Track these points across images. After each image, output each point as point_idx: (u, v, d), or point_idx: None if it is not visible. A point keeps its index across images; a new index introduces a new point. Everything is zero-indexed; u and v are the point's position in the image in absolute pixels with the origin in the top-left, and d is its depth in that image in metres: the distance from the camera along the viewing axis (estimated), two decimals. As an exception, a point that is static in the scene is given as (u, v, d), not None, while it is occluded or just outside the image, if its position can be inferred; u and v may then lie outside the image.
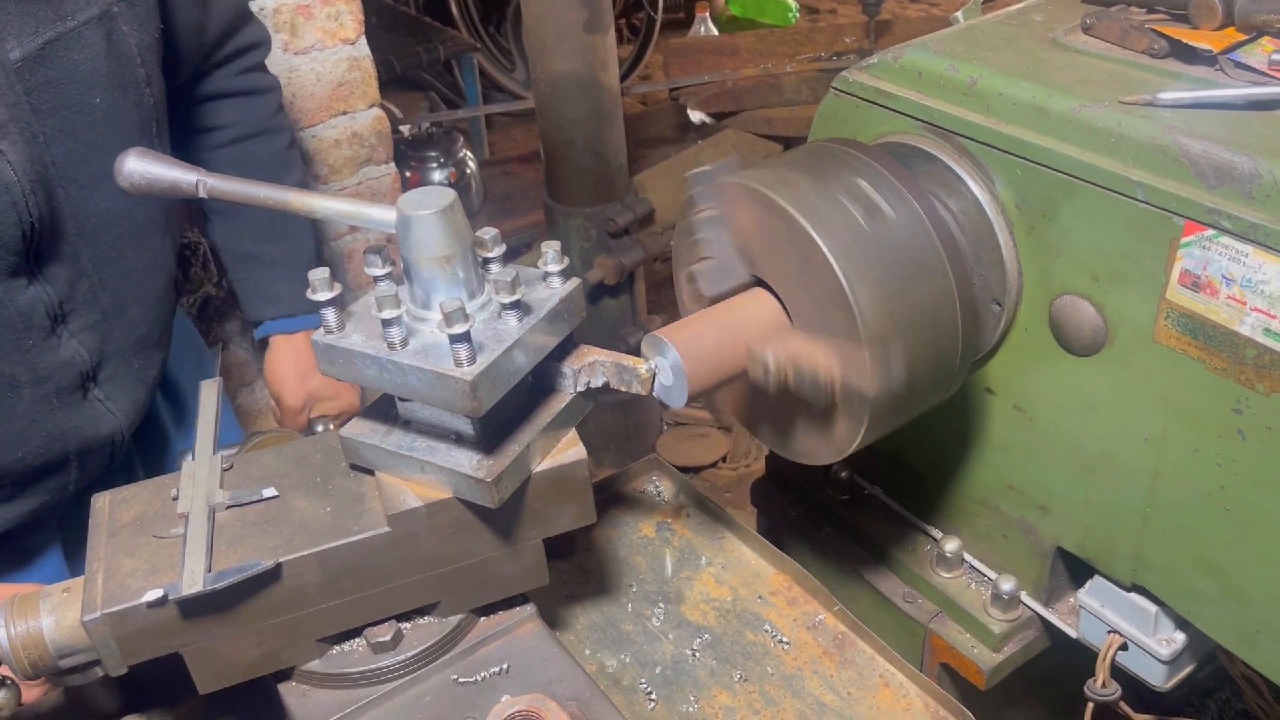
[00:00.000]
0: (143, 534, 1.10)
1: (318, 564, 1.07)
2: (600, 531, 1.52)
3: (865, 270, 1.11)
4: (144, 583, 1.03)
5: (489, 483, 1.05)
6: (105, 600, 1.02)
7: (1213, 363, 1.10)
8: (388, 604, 1.13)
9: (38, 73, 1.31)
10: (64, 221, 1.39)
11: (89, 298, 1.45)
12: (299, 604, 1.08)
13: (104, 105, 1.40)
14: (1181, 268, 1.08)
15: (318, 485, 1.15)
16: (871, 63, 1.38)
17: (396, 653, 1.13)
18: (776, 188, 1.14)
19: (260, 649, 1.09)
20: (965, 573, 1.51)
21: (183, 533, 1.07)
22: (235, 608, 1.06)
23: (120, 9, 1.40)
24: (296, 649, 1.12)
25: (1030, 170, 1.20)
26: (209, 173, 1.12)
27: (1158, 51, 1.22)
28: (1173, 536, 1.22)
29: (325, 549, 1.07)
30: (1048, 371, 1.28)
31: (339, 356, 1.06)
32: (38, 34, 1.30)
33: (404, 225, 1.02)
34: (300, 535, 1.08)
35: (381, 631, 1.13)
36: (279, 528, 1.09)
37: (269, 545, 1.07)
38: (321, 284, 1.05)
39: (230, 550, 1.06)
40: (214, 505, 1.11)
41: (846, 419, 1.19)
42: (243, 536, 1.08)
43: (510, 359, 1.04)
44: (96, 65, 1.38)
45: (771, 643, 1.33)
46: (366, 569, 1.09)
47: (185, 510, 1.10)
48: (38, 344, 1.39)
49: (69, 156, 1.36)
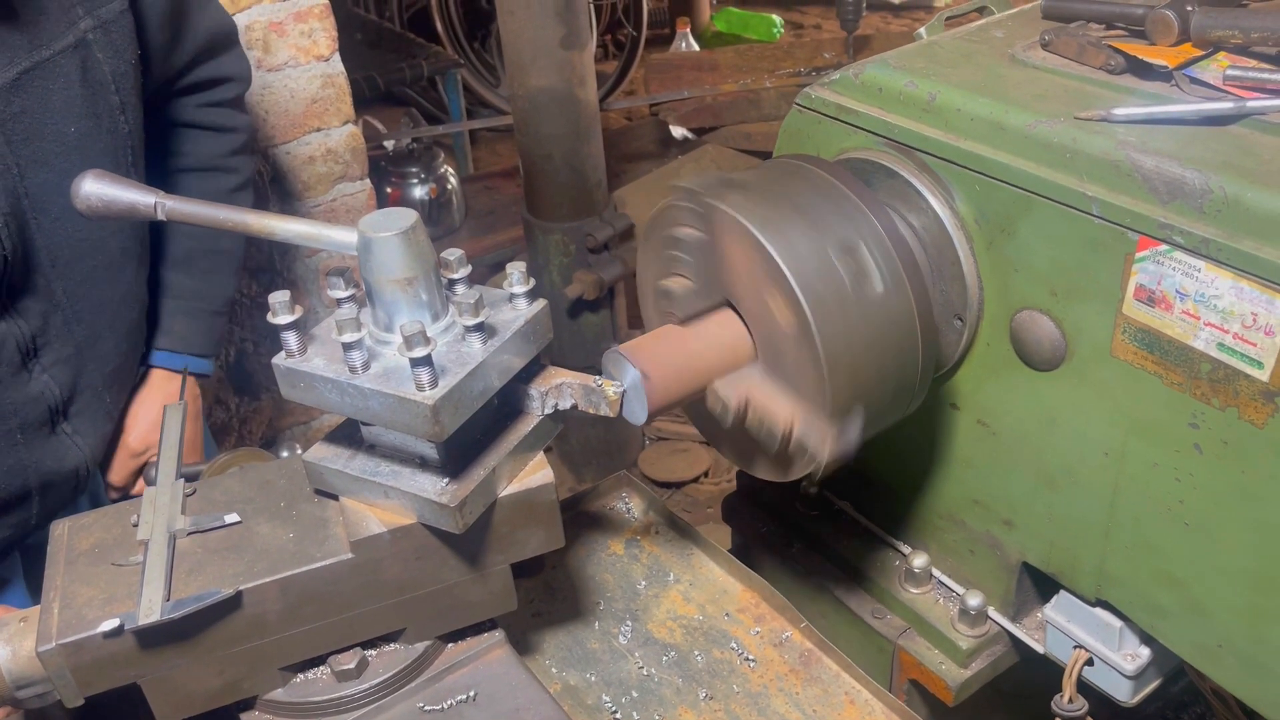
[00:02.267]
0: (101, 562, 1.08)
1: (279, 591, 1.06)
2: (569, 549, 1.51)
3: (846, 346, 1.10)
4: (101, 612, 1.02)
5: (453, 508, 1.04)
6: (61, 630, 1.00)
7: (1169, 377, 1.10)
8: (352, 631, 1.12)
9: (12, 103, 1.30)
10: (37, 253, 1.37)
11: (62, 331, 1.43)
12: (261, 632, 1.07)
13: (78, 134, 1.38)
14: (1136, 282, 1.09)
15: (281, 510, 1.13)
16: (833, 79, 1.38)
17: (361, 681, 1.12)
18: (772, 236, 1.11)
19: (221, 678, 1.08)
20: (933, 588, 1.51)
21: (141, 560, 1.06)
22: (195, 637, 1.04)
23: (95, 36, 1.38)
24: (259, 678, 1.10)
25: (988, 185, 1.20)
26: (168, 195, 1.10)
27: (1114, 67, 1.22)
28: (1134, 551, 1.22)
29: (287, 576, 1.06)
30: (1010, 386, 1.28)
31: (300, 380, 1.05)
32: (12, 64, 1.29)
33: (365, 247, 1.01)
34: (262, 562, 1.07)
35: (346, 659, 1.12)
36: (240, 554, 1.08)
37: (230, 572, 1.06)
38: (282, 307, 1.04)
39: (190, 578, 1.05)
40: (174, 532, 1.10)
41: (799, 464, 1.20)
42: (203, 564, 1.07)
43: (474, 382, 1.03)
44: (71, 94, 1.36)
45: (738, 660, 1.32)
46: (330, 596, 1.08)
47: (145, 537, 1.09)
48: (6, 379, 1.37)
49: (42, 187, 1.35)
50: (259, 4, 2.25)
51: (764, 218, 1.13)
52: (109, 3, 1.39)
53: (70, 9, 1.35)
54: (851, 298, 1.12)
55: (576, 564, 1.49)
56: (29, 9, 1.31)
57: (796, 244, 1.11)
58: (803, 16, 7.50)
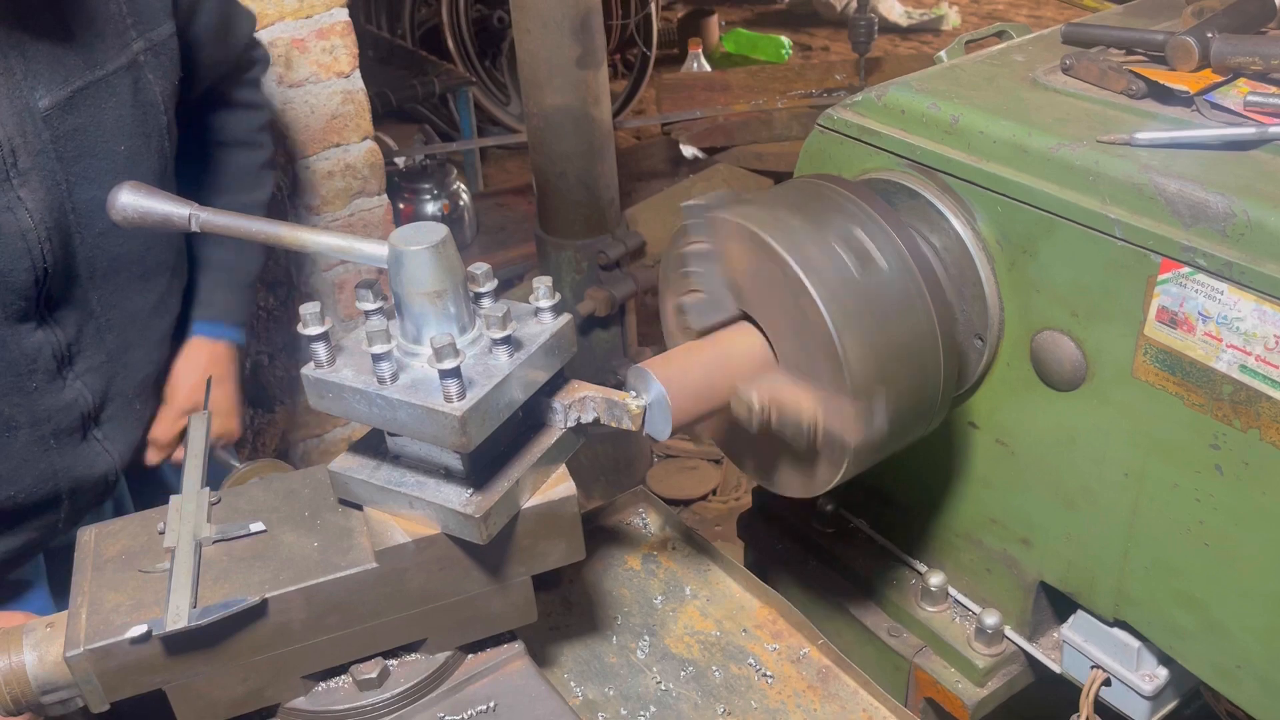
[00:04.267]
0: (128, 568, 1.09)
1: (304, 600, 1.07)
2: (586, 564, 1.52)
3: (855, 321, 1.12)
4: (128, 618, 1.02)
5: (477, 519, 1.05)
6: (89, 636, 1.01)
7: (1191, 398, 1.11)
8: (375, 640, 1.12)
9: (65, 120, 1.33)
10: (77, 266, 1.40)
11: (95, 340, 1.46)
12: (285, 640, 1.08)
13: (127, 152, 1.42)
14: (1159, 304, 1.10)
15: (306, 520, 1.14)
16: (856, 100, 1.40)
17: (383, 690, 1.13)
18: (770, 229, 1.14)
19: (245, 686, 1.09)
20: (950, 607, 1.52)
21: (168, 567, 1.07)
22: (220, 644, 1.05)
23: (146, 58, 1.42)
24: (281, 686, 1.11)
25: (1010, 207, 1.21)
26: (202, 206, 1.13)
27: (1135, 92, 1.24)
28: (1153, 571, 1.22)
29: (312, 585, 1.06)
30: (1029, 406, 1.29)
31: (329, 390, 1.06)
32: (68, 82, 1.33)
33: (395, 260, 1.03)
34: (287, 571, 1.08)
35: (368, 669, 1.12)
36: (266, 563, 1.09)
37: (255, 580, 1.07)
38: (313, 318, 1.05)
39: (216, 585, 1.06)
40: (200, 540, 1.11)
41: (827, 462, 1.20)
42: (229, 571, 1.08)
43: (500, 394, 1.04)
44: (122, 114, 1.40)
45: (755, 676, 1.32)
46: (353, 605, 1.09)
47: (171, 545, 1.10)
48: (41, 386, 1.40)
49: (89, 203, 1.38)
50: (282, 21, 2.28)
51: (762, 217, 1.16)
52: (159, 26, 1.44)
53: (124, 31, 1.39)
54: (857, 278, 1.14)
55: (594, 578, 1.49)
56: (86, 30, 1.34)
57: (796, 235, 1.14)
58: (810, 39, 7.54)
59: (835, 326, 1.10)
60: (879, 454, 1.22)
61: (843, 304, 1.11)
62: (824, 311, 1.10)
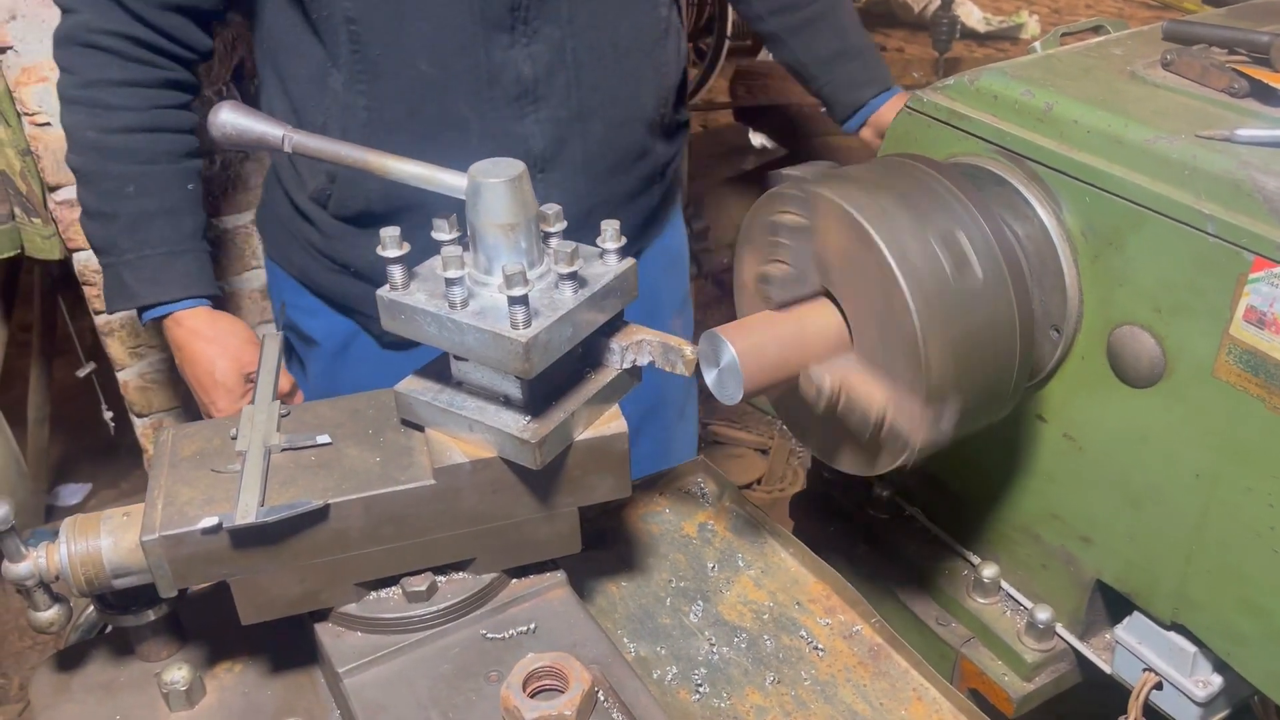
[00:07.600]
0: (202, 467, 1.15)
1: (363, 509, 1.11)
2: (642, 527, 1.54)
3: (941, 327, 1.11)
4: (200, 511, 1.08)
5: (533, 444, 1.09)
6: (163, 524, 1.07)
7: (1272, 401, 1.10)
8: (426, 555, 1.17)
9: None
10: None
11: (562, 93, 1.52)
12: (343, 546, 1.13)
13: None
14: (1247, 303, 1.09)
15: (369, 437, 1.19)
16: (947, 84, 1.39)
17: (430, 604, 1.17)
18: (873, 218, 1.13)
19: (302, 586, 1.14)
20: (1001, 600, 1.51)
21: (239, 469, 1.12)
22: (283, 543, 1.10)
23: None
24: (335, 591, 1.16)
25: (1100, 198, 1.21)
26: (295, 129, 1.19)
27: (1237, 91, 1.22)
28: (1217, 575, 1.21)
29: (371, 495, 1.11)
30: (1102, 401, 1.28)
31: (401, 312, 1.11)
32: None
33: (474, 192, 1.08)
34: (349, 480, 1.12)
35: (418, 582, 1.17)
36: (330, 472, 1.14)
37: (319, 487, 1.11)
38: (391, 241, 1.10)
39: (283, 489, 1.11)
40: (270, 447, 1.16)
41: (889, 452, 1.21)
42: (295, 477, 1.13)
43: (563, 326, 1.08)
44: None
45: (807, 648, 1.33)
46: (409, 519, 1.14)
47: (243, 449, 1.15)
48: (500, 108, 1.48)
49: None
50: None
51: (865, 203, 1.15)
52: None
53: None
54: (951, 284, 1.13)
55: (650, 542, 1.51)
56: None
57: (897, 227, 1.13)
58: (885, 39, 7.48)
59: (922, 329, 1.10)
60: (942, 449, 1.22)
61: (933, 308, 1.11)
62: (914, 312, 1.10)
